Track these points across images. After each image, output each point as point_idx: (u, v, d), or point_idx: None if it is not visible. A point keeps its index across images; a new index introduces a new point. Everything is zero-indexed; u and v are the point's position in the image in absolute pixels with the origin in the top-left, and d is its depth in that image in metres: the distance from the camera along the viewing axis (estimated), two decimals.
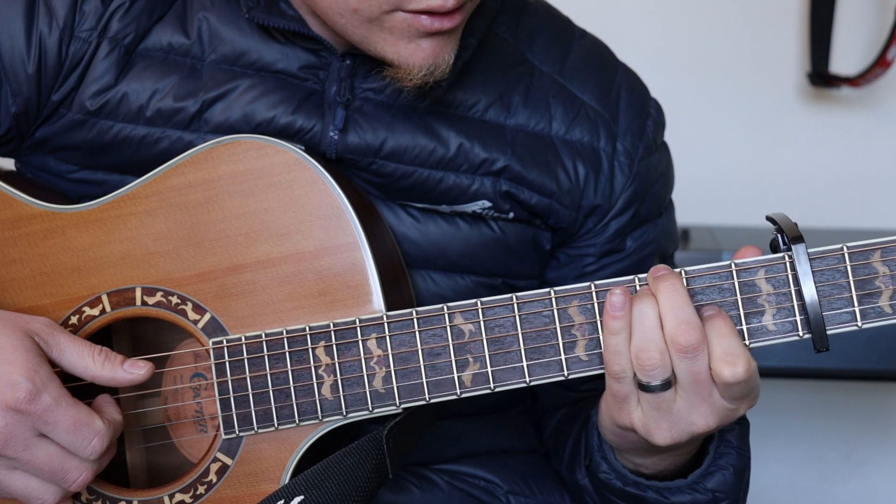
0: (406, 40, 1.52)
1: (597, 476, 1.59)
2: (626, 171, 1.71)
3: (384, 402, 1.49)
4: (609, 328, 1.43)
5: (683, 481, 1.55)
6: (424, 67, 1.53)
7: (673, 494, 1.55)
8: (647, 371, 1.41)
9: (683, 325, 1.40)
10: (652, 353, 1.40)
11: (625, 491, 1.57)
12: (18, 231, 1.57)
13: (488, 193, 1.66)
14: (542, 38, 1.73)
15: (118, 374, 1.49)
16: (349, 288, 1.52)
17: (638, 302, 1.42)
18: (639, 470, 1.57)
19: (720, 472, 1.55)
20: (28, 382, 1.41)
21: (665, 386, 1.41)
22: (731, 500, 1.57)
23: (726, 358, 1.40)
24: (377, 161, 1.63)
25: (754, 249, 1.45)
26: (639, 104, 1.74)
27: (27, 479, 1.45)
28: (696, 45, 3.17)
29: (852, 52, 3.12)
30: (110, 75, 1.62)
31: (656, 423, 1.44)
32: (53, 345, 1.47)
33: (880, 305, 1.42)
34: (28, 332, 1.45)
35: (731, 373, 1.40)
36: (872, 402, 3.28)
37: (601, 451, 1.57)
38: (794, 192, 3.16)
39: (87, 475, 1.45)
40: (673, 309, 1.41)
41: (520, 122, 1.68)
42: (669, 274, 1.43)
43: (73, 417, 1.43)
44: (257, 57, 1.62)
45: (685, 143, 2.29)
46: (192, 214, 1.54)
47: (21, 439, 1.42)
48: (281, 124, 1.61)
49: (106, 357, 1.49)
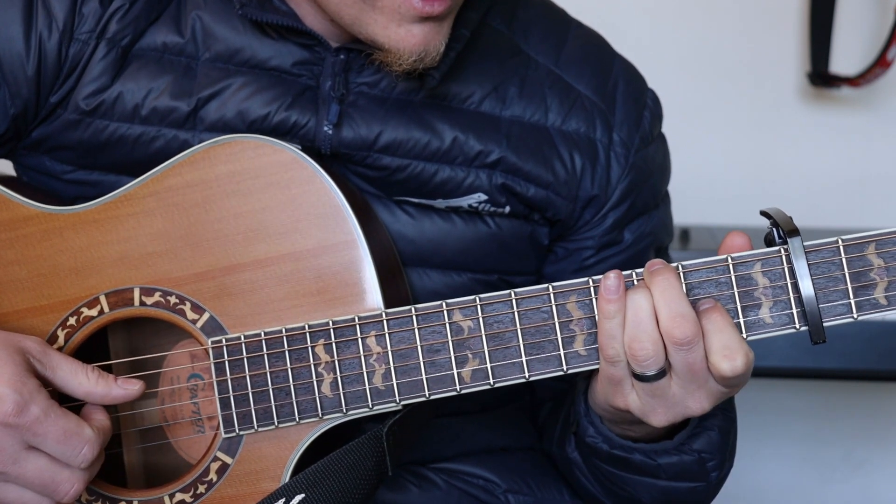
0: (397, 24, 1.52)
1: (584, 441, 1.59)
2: (622, 161, 1.71)
3: (384, 399, 1.50)
4: (604, 312, 1.43)
5: (670, 443, 1.56)
6: (415, 53, 1.53)
7: (660, 456, 1.56)
8: (640, 362, 1.41)
9: (678, 317, 1.40)
10: (645, 345, 1.41)
11: (611, 454, 1.58)
12: (15, 233, 1.57)
13: (484, 186, 1.66)
14: (537, 29, 1.73)
15: (113, 390, 1.49)
16: (347, 286, 1.52)
17: (633, 292, 1.42)
18: (626, 434, 1.57)
19: (706, 432, 1.56)
20: (16, 395, 1.40)
21: (659, 375, 1.42)
22: (718, 460, 1.58)
23: (724, 352, 1.40)
24: (372, 155, 1.63)
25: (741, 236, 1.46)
26: (635, 95, 1.74)
27: (20, 491, 1.44)
28: (695, 45, 3.18)
29: (852, 52, 3.12)
30: (106, 76, 1.62)
31: (652, 408, 1.45)
32: (46, 363, 1.47)
33: (875, 297, 1.42)
34: (19, 349, 1.44)
35: (730, 367, 1.40)
36: (872, 402, 3.28)
37: (588, 416, 1.58)
38: (793, 192, 3.16)
39: (79, 486, 1.45)
40: (667, 302, 1.41)
41: (515, 114, 1.68)
42: (664, 268, 1.43)
43: (62, 428, 1.43)
44: (251, 54, 1.63)
45: (685, 142, 2.29)
46: (189, 214, 1.54)
47: (10, 453, 1.41)
48: (275, 121, 1.61)
49: (99, 374, 1.49)
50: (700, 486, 1.60)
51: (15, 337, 1.46)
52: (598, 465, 1.61)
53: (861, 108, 3.19)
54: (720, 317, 1.41)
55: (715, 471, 1.58)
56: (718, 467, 1.59)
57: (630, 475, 1.60)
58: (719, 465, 1.59)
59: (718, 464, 1.58)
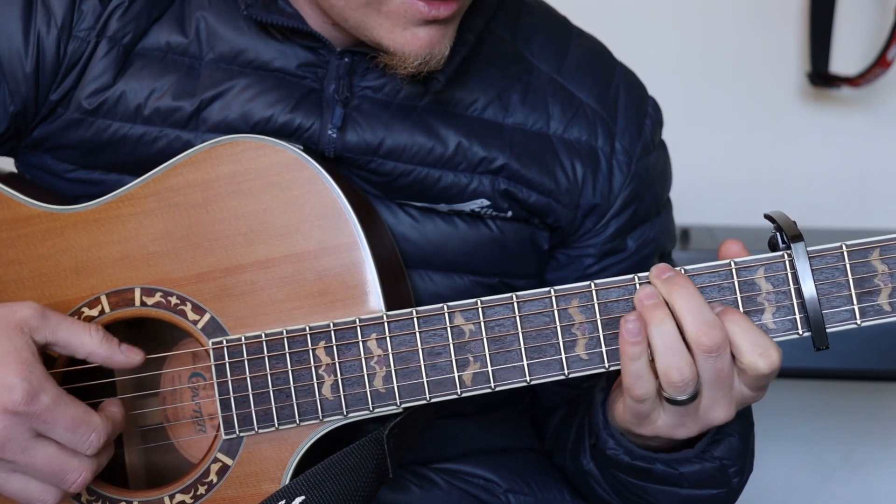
0: (402, 27, 1.52)
1: (604, 453, 1.58)
2: (624, 170, 1.71)
3: (385, 402, 1.49)
4: (628, 355, 1.42)
5: (691, 451, 1.55)
6: (420, 56, 1.53)
7: (681, 465, 1.55)
8: (677, 386, 1.41)
9: (705, 325, 1.40)
10: (683, 369, 1.40)
11: (633, 465, 1.56)
12: (17, 232, 1.57)
13: (487, 192, 1.66)
14: (540, 37, 1.73)
15: (116, 354, 1.49)
16: (349, 288, 1.52)
17: (653, 320, 1.41)
18: (646, 444, 1.56)
19: (727, 438, 1.55)
20: (25, 383, 1.40)
21: (693, 398, 1.42)
22: (739, 466, 1.57)
23: (758, 350, 1.40)
24: (376, 160, 1.63)
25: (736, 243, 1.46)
26: (637, 103, 1.75)
27: (27, 481, 1.44)
28: (696, 44, 3.17)
29: (852, 52, 3.12)
30: (108, 74, 1.62)
31: (681, 423, 1.46)
32: (45, 326, 1.46)
33: (879, 303, 1.42)
34: (17, 324, 1.44)
35: (767, 363, 1.40)
36: (872, 402, 3.28)
37: (607, 428, 1.56)
38: (793, 192, 3.16)
39: (87, 475, 1.45)
40: (692, 312, 1.40)
41: (518, 121, 1.68)
42: (678, 276, 1.43)
43: (71, 415, 1.43)
44: (255, 55, 1.62)
45: (685, 142, 2.29)
46: (190, 215, 1.54)
47: (19, 441, 1.41)
48: (279, 123, 1.60)
49: (104, 335, 1.49)
50: (722, 493, 1.59)
51: (9, 311, 1.45)
52: (618, 476, 1.60)
53: (861, 108, 3.18)
54: (740, 317, 1.41)
55: (736, 476, 1.58)
56: (739, 473, 1.58)
57: (652, 485, 1.59)
58: (740, 471, 1.58)
59: (740, 469, 1.58)
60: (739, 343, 1.41)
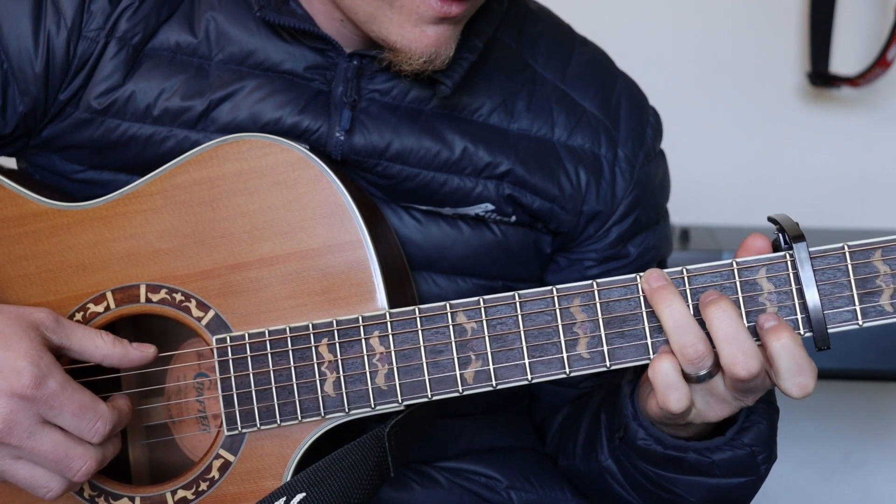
0: (413, 23, 1.52)
1: (634, 444, 1.57)
2: (627, 177, 1.72)
3: (386, 399, 1.50)
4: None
5: (722, 439, 1.54)
6: (425, 54, 1.54)
7: (713, 453, 1.55)
8: (694, 363, 1.41)
9: (741, 354, 1.40)
10: (697, 345, 1.41)
11: (665, 455, 1.56)
12: (24, 228, 1.58)
13: (491, 197, 1.67)
14: (544, 45, 1.74)
15: (129, 352, 1.50)
16: (352, 286, 1.52)
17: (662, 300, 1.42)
18: (677, 434, 1.56)
19: (755, 426, 1.55)
20: (34, 367, 1.41)
21: (712, 374, 1.43)
22: (767, 454, 1.57)
23: (795, 379, 1.41)
24: (382, 163, 1.63)
25: (763, 239, 1.46)
26: (639, 112, 1.76)
27: (32, 468, 1.44)
28: (696, 45, 3.18)
29: (852, 52, 3.12)
30: (118, 75, 1.62)
31: (714, 405, 1.47)
32: (60, 330, 1.47)
33: (881, 304, 1.42)
34: (31, 322, 1.45)
35: (802, 394, 1.42)
36: (872, 402, 3.29)
37: (637, 418, 1.56)
38: (794, 192, 3.16)
39: (91, 464, 1.45)
40: (728, 340, 1.40)
41: (523, 127, 1.69)
42: (720, 298, 1.42)
43: (78, 401, 1.43)
44: (264, 57, 1.63)
45: (685, 142, 2.30)
46: (196, 212, 1.55)
47: (25, 426, 1.41)
48: (287, 124, 1.61)
49: (115, 338, 1.50)
50: (750, 481, 1.59)
51: (25, 311, 1.46)
52: (646, 469, 1.59)
53: (861, 108, 3.19)
54: (786, 335, 1.40)
55: (764, 464, 1.57)
56: (767, 460, 1.58)
57: (682, 476, 1.58)
58: (768, 458, 1.58)
59: (767, 456, 1.57)
60: (778, 365, 1.41)
